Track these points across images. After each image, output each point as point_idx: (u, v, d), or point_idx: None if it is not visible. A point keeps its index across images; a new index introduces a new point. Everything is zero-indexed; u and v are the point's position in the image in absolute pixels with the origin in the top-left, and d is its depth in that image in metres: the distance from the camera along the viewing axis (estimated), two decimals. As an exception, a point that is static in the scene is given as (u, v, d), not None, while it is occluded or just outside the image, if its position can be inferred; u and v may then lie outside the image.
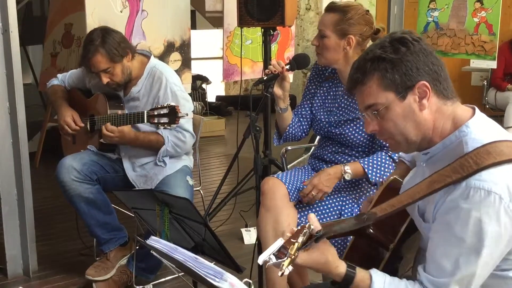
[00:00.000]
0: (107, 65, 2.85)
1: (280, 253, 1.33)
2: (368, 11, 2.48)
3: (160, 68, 2.99)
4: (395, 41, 1.48)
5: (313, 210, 2.40)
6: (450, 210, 1.41)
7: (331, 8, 2.42)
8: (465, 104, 1.56)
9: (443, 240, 1.42)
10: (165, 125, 2.68)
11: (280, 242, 1.36)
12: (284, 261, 1.31)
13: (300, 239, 1.35)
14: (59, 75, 3.25)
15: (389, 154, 2.37)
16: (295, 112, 2.64)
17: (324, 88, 2.59)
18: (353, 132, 2.43)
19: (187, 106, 2.94)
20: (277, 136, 2.68)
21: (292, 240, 1.35)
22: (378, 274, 1.49)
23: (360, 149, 2.46)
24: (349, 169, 2.36)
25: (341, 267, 1.47)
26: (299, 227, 1.40)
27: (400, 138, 1.53)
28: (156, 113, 2.67)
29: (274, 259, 1.33)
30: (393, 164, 2.34)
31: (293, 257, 1.32)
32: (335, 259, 1.47)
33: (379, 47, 1.49)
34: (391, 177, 1.81)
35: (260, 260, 1.34)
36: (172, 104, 2.67)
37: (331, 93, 2.56)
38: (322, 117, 2.54)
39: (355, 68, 1.54)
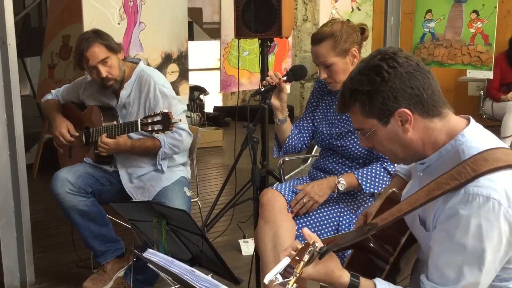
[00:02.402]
0: (106, 54, 2.85)
1: (286, 272, 1.33)
2: (348, 20, 2.52)
3: (148, 71, 3.00)
4: (371, 70, 1.49)
5: (311, 221, 2.39)
6: (449, 217, 1.41)
7: (318, 39, 2.41)
8: (461, 114, 1.57)
9: (445, 248, 1.42)
10: (160, 132, 2.68)
11: (286, 261, 1.36)
12: (290, 280, 1.31)
13: (306, 258, 1.35)
14: (53, 91, 3.27)
15: (383, 165, 2.37)
16: (296, 124, 2.65)
17: (326, 101, 2.60)
18: (354, 144, 2.44)
19: (179, 106, 2.94)
20: (277, 148, 2.69)
21: (297, 258, 1.35)
22: (381, 283, 1.50)
23: (361, 160, 2.46)
24: (343, 180, 2.37)
25: (345, 276, 1.48)
26: (303, 244, 1.40)
27: (392, 156, 1.59)
28: (149, 121, 2.67)
29: (280, 278, 1.32)
30: (389, 176, 2.35)
31: (298, 275, 1.32)
32: (339, 268, 1.48)
33: (358, 76, 1.51)
34: (390, 190, 1.82)
35: (266, 280, 1.34)
36: (165, 110, 2.67)
37: (333, 106, 2.57)
38: (324, 129, 2.55)
39: (340, 94, 1.58)
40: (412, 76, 1.47)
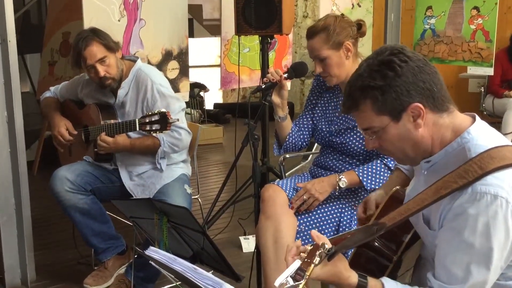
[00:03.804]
0: (103, 54, 2.83)
1: (297, 275, 1.33)
2: (343, 14, 2.52)
3: (145, 70, 2.98)
4: (383, 64, 1.47)
5: (313, 217, 2.40)
6: (457, 216, 1.41)
7: (312, 33, 2.42)
8: (464, 111, 1.57)
9: (452, 246, 1.42)
10: (157, 132, 2.68)
11: (296, 264, 1.35)
12: (300, 283, 1.31)
13: (317, 260, 1.35)
14: (52, 88, 3.26)
15: (384, 162, 2.38)
16: (296, 122, 2.65)
17: (325, 98, 2.60)
18: (354, 141, 2.44)
19: (177, 104, 2.93)
20: (277, 146, 2.68)
21: (307, 260, 1.35)
22: (389, 282, 1.49)
23: (361, 157, 2.46)
24: (344, 178, 2.38)
25: (353, 277, 1.47)
26: (312, 246, 1.39)
27: (400, 155, 1.56)
28: (147, 120, 2.67)
29: (291, 282, 1.32)
30: (389, 172, 2.35)
31: (308, 277, 1.32)
32: (347, 269, 1.48)
33: (368, 72, 1.49)
34: (393, 188, 1.81)
35: (277, 283, 1.33)
36: (163, 110, 2.67)
37: (332, 104, 2.56)
38: (323, 126, 2.55)
39: (347, 94, 1.55)
40: (423, 70, 1.47)
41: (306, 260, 1.35)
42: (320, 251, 1.36)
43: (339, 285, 1.49)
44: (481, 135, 1.47)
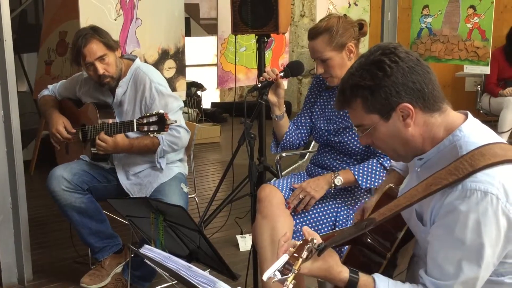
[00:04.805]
0: (103, 52, 2.84)
1: (285, 269, 1.34)
2: (345, 15, 2.52)
3: (144, 69, 2.98)
4: (373, 64, 1.48)
5: (309, 217, 2.40)
6: (448, 213, 1.42)
7: (315, 34, 2.42)
8: (458, 109, 1.57)
9: (444, 243, 1.43)
10: (155, 133, 2.68)
11: (284, 258, 1.36)
12: (289, 277, 1.32)
13: (304, 254, 1.36)
14: (50, 86, 3.26)
15: (380, 161, 2.38)
16: (294, 120, 2.65)
17: (324, 97, 2.60)
18: (352, 140, 2.43)
19: (175, 103, 2.94)
20: (275, 144, 2.68)
21: (295, 255, 1.36)
22: (381, 278, 1.50)
23: (359, 157, 2.46)
24: (339, 176, 2.38)
25: (344, 272, 1.48)
26: (301, 241, 1.40)
27: (392, 153, 1.59)
28: (145, 121, 2.67)
29: (279, 275, 1.33)
30: (385, 171, 2.35)
31: (296, 272, 1.33)
32: (338, 264, 1.49)
33: (359, 71, 1.50)
34: (387, 186, 1.82)
35: (265, 277, 1.34)
36: (161, 111, 2.67)
37: (331, 102, 2.56)
38: (322, 125, 2.55)
39: (339, 90, 1.57)
40: (414, 70, 1.48)
41: (294, 254, 1.36)
42: (308, 245, 1.37)
43: (330, 280, 1.50)
44: (473, 133, 1.48)
